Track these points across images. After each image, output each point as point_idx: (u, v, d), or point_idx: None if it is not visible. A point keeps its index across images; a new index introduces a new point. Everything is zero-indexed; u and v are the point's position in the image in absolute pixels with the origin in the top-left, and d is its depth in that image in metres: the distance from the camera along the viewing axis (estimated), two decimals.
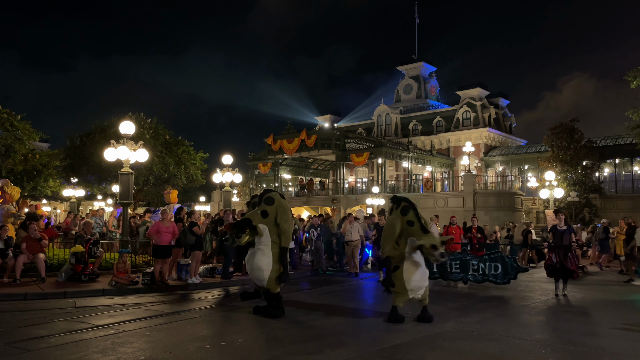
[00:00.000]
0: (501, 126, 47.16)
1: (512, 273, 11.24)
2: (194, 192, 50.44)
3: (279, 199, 9.02)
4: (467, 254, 11.91)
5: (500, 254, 11.53)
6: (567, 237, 11.27)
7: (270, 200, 8.91)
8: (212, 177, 24.20)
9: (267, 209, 8.75)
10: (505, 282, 11.28)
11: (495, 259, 11.44)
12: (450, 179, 43.81)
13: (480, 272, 11.47)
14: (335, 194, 37.87)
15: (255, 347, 6.83)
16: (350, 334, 7.35)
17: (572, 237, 11.33)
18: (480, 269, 11.49)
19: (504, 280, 11.26)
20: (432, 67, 55.74)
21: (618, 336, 7.54)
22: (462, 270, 11.69)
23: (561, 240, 11.26)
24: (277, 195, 9.15)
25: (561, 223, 11.44)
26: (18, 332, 7.27)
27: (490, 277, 11.38)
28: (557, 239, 11.33)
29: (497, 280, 11.33)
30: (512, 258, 11.57)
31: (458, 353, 6.38)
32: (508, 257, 11.48)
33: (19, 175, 25.80)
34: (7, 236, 12.06)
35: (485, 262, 11.46)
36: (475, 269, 11.53)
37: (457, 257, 11.82)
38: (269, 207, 8.78)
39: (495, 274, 11.32)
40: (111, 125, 26.25)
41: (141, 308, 9.32)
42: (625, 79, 25.26)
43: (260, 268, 8.47)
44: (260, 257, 8.52)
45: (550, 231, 11.93)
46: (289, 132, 40.30)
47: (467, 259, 11.72)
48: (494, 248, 12.70)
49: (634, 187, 35.56)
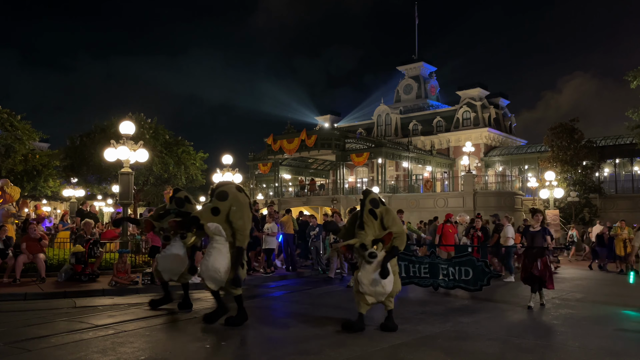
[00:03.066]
0: (501, 126, 47.16)
1: (483, 279, 10.03)
2: (194, 192, 50.38)
3: (234, 194, 8.10)
4: (436, 257, 10.82)
5: (470, 258, 10.40)
6: (538, 239, 10.01)
7: (223, 196, 8.02)
8: (212, 177, 24.22)
9: (219, 205, 7.90)
10: (477, 289, 10.17)
11: (465, 263, 10.29)
12: (450, 179, 43.80)
13: (450, 277, 10.37)
14: (335, 194, 37.87)
15: (255, 347, 6.83)
16: (350, 334, 7.35)
17: (547, 239, 10.00)
18: (450, 273, 10.40)
19: (476, 287, 10.12)
20: (432, 67, 55.73)
21: (618, 336, 7.54)
22: (431, 275, 10.55)
23: (532, 243, 10.10)
24: (232, 189, 8.23)
25: (536, 224, 10.24)
26: (18, 332, 7.27)
27: (461, 283, 10.30)
28: (528, 241, 10.25)
29: (468, 286, 10.20)
30: (482, 262, 10.31)
31: (458, 353, 6.38)
32: (478, 261, 10.24)
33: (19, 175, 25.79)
34: (7, 236, 12.07)
35: (455, 266, 10.36)
36: (445, 273, 10.44)
37: (426, 260, 10.72)
38: (221, 203, 7.93)
39: (466, 279, 10.17)
40: (111, 125, 26.21)
41: (141, 308, 9.32)
42: (625, 79, 25.27)
43: (217, 269, 7.75)
44: (217, 256, 7.82)
45: (522, 233, 11.12)
46: (289, 132, 40.23)
47: (436, 262, 10.61)
48: (463, 250, 11.59)
49: (634, 187, 35.53)
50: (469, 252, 11.00)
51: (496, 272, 11.10)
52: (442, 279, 10.45)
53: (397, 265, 7.81)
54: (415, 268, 10.56)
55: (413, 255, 10.96)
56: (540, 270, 9.68)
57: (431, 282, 10.57)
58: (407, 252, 10.67)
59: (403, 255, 10.41)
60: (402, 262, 10.34)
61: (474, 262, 10.21)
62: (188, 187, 33.41)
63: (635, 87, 24.80)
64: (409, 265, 10.57)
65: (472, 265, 10.20)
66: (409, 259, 10.62)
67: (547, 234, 10.03)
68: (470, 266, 10.19)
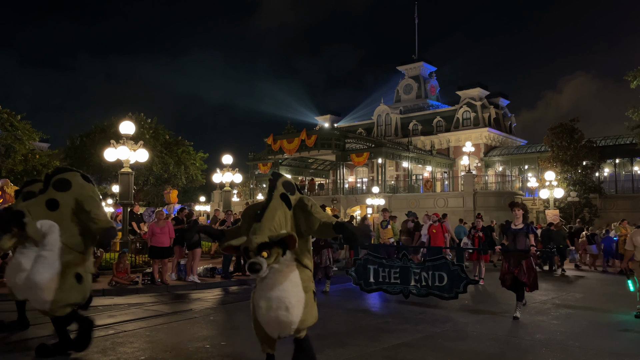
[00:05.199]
0: (501, 126, 47.16)
1: (459, 285, 8.94)
2: (194, 192, 50.42)
3: (79, 183, 6.21)
4: (408, 261, 9.70)
5: (445, 261, 9.26)
6: (521, 238, 8.66)
7: (63, 185, 6.06)
8: (212, 177, 24.23)
9: (59, 197, 5.95)
10: (453, 297, 9.04)
11: (440, 267, 9.16)
12: (450, 179, 43.79)
13: (423, 284, 9.28)
14: (335, 194, 37.87)
15: (256, 346, 6.82)
16: (350, 334, 7.34)
17: (531, 239, 8.64)
18: (423, 279, 9.29)
19: (451, 294, 9.02)
20: (432, 67, 55.73)
21: (619, 336, 7.54)
22: (402, 281, 9.47)
23: (514, 243, 8.76)
24: (76, 178, 6.27)
25: (518, 220, 8.87)
26: (18, 332, 7.26)
27: (435, 290, 9.17)
28: (510, 241, 8.88)
29: (442, 293, 9.09)
30: (458, 266, 9.12)
31: (458, 353, 6.38)
32: (454, 265, 9.12)
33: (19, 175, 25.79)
34: None
35: (428, 270, 9.24)
36: (417, 279, 9.34)
37: (397, 264, 9.64)
38: (61, 194, 5.98)
39: (440, 285, 9.08)
40: (111, 125, 26.26)
41: (141, 308, 9.32)
42: (626, 79, 25.27)
43: (39, 285, 5.60)
44: (40, 268, 5.63)
45: (502, 231, 9.69)
46: (289, 132, 40.20)
47: (408, 266, 9.49)
48: (438, 253, 10.29)
49: (634, 187, 35.53)
50: (443, 255, 9.80)
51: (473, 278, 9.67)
52: (414, 285, 9.41)
53: (311, 281, 5.20)
54: (385, 272, 9.69)
55: (383, 258, 10.08)
56: (526, 275, 8.48)
57: (401, 288, 9.53)
58: (376, 254, 10.13)
59: (372, 258, 9.94)
60: (371, 266, 9.87)
61: (448, 267, 9.13)
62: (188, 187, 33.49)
63: (635, 87, 24.81)
64: (378, 269, 9.82)
65: (447, 270, 9.11)
66: (379, 262, 9.89)
67: (532, 233, 8.71)
68: (445, 271, 9.10)
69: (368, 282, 9.93)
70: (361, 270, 10.08)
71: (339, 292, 12.10)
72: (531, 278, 8.57)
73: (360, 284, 10.09)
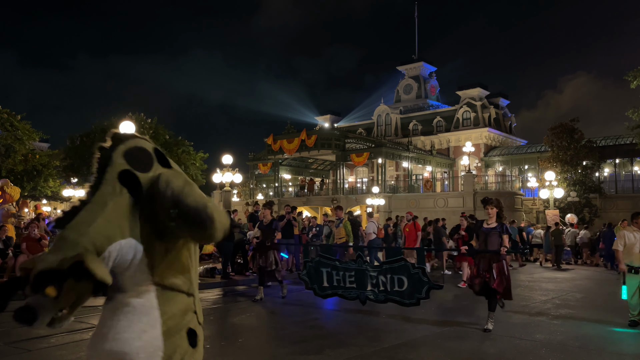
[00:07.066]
0: (501, 126, 47.17)
1: (421, 290, 8.02)
2: None
3: None
4: (363, 263, 8.82)
5: (405, 264, 8.32)
6: (494, 239, 7.81)
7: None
8: (212, 177, 24.24)
9: None
10: (414, 303, 8.12)
11: (399, 270, 8.25)
12: (450, 179, 43.80)
13: (381, 288, 8.41)
14: (335, 194, 37.87)
15: (256, 347, 6.83)
16: (350, 334, 7.34)
17: (505, 240, 7.77)
18: (380, 283, 8.41)
19: (412, 300, 8.12)
20: (432, 67, 55.75)
21: (619, 336, 7.54)
22: (358, 286, 8.64)
23: (485, 244, 7.91)
24: None
25: (491, 219, 8.00)
26: (18, 332, 7.26)
27: (394, 296, 8.29)
28: (481, 242, 8.03)
29: (402, 299, 8.21)
30: (419, 269, 8.18)
31: (458, 353, 6.38)
32: (414, 268, 8.18)
33: (19, 175, 25.83)
34: (7, 236, 12.06)
35: (386, 274, 8.35)
36: (374, 283, 8.48)
37: (352, 267, 8.79)
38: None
39: (400, 290, 8.19)
40: (111, 125, 26.26)
41: None
42: (626, 79, 25.29)
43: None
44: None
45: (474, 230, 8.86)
46: (289, 132, 40.20)
47: (364, 269, 8.65)
48: (397, 254, 9.28)
49: (634, 187, 35.54)
50: (402, 257, 8.89)
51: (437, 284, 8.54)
52: (371, 290, 8.55)
53: (188, 313, 2.46)
54: (339, 276, 8.89)
55: (337, 260, 9.26)
56: (497, 281, 7.59)
57: (357, 293, 8.72)
58: (329, 256, 9.37)
59: (325, 260, 9.11)
60: (323, 269, 9.04)
61: (409, 270, 8.20)
62: None
63: (635, 87, 24.83)
64: (332, 272, 8.97)
65: (406, 273, 8.19)
66: (331, 265, 9.02)
67: (505, 233, 7.86)
68: (405, 275, 8.18)
69: (322, 286, 9.10)
70: (313, 273, 9.21)
71: None
72: (503, 285, 7.65)
73: (314, 289, 9.21)
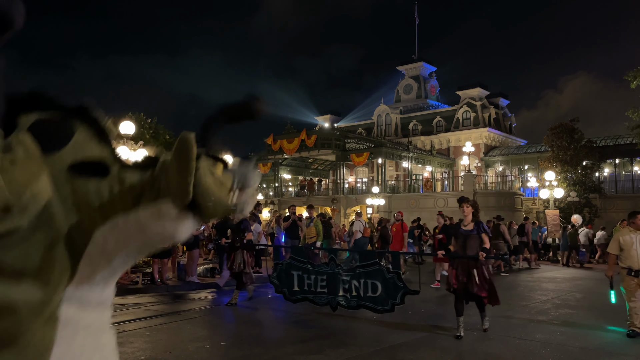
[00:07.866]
0: (501, 126, 47.17)
1: (395, 295, 7.61)
2: None
3: None
4: (336, 267, 8.33)
5: (379, 268, 7.95)
6: (473, 241, 7.34)
7: None
8: None
9: None
10: (388, 309, 7.70)
11: (372, 274, 7.87)
12: (450, 179, 43.80)
13: (354, 294, 8.02)
14: (335, 194, 37.88)
15: (256, 346, 6.83)
16: (350, 334, 7.34)
17: (485, 241, 7.31)
18: (353, 288, 8.02)
19: (386, 307, 7.71)
20: (432, 67, 55.78)
21: (619, 336, 7.53)
22: (329, 290, 8.24)
23: (463, 247, 7.39)
24: None
25: (467, 219, 7.50)
26: None
27: (367, 302, 7.91)
28: (459, 245, 7.50)
29: (376, 305, 7.80)
30: (395, 274, 7.75)
31: (458, 353, 6.38)
32: (389, 273, 7.79)
33: None
34: None
35: (359, 278, 7.95)
36: (347, 288, 8.07)
37: (324, 270, 8.34)
38: None
39: (373, 296, 7.80)
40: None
41: (141, 308, 9.32)
42: (625, 79, 25.27)
43: None
44: None
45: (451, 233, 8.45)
46: (289, 132, 40.20)
47: (336, 273, 8.19)
48: (370, 258, 8.76)
49: (634, 187, 35.53)
50: (376, 261, 8.38)
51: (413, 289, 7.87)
52: (343, 296, 8.16)
53: None
54: (310, 280, 8.50)
55: (308, 263, 8.80)
56: (478, 285, 7.16)
57: (328, 299, 8.31)
58: (301, 258, 8.86)
59: (296, 263, 8.69)
60: (295, 272, 8.64)
61: (383, 274, 7.81)
62: None
63: (635, 87, 24.79)
64: (303, 275, 8.59)
65: (381, 278, 7.80)
66: (303, 268, 8.62)
67: (484, 232, 7.38)
68: (379, 279, 7.79)
69: (292, 290, 8.70)
70: (284, 276, 8.84)
71: None
72: (484, 288, 7.24)
73: (284, 293, 8.84)
